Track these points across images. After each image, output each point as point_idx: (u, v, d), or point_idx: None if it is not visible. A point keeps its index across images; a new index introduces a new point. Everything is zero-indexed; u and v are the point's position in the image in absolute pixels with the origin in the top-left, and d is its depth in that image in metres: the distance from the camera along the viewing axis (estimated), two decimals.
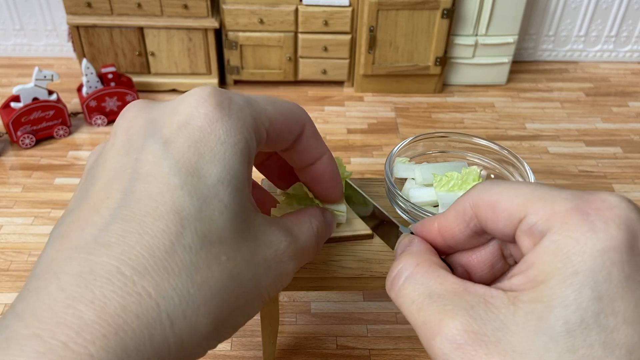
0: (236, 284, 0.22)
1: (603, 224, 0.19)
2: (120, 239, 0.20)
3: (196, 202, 0.21)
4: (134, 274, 0.19)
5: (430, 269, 0.23)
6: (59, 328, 0.18)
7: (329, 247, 0.38)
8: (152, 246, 0.20)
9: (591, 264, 0.19)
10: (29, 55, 0.99)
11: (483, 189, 0.23)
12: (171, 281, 0.20)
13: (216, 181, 0.22)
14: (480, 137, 0.44)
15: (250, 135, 0.24)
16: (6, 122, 0.74)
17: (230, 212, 0.22)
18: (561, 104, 0.89)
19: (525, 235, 0.21)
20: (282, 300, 0.55)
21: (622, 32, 0.98)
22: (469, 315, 0.20)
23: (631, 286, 0.18)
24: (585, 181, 0.72)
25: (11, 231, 0.63)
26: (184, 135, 0.22)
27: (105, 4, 0.81)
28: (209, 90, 0.24)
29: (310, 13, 0.83)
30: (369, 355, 0.50)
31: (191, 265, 0.20)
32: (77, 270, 0.19)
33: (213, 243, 0.21)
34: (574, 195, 0.20)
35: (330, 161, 0.31)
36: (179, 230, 0.21)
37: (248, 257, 0.23)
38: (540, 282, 0.19)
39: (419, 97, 0.90)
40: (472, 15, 0.86)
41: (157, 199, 0.21)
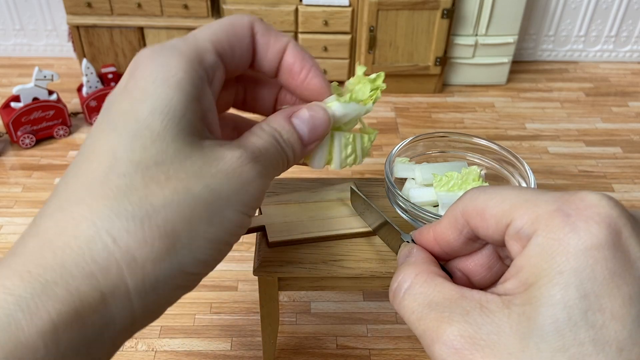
0: (184, 196, 0.23)
1: (584, 223, 0.19)
2: (65, 185, 0.23)
3: (127, 136, 0.23)
4: (71, 205, 0.22)
5: (429, 278, 0.23)
6: (8, 259, 0.21)
7: (329, 247, 0.38)
8: (88, 181, 0.22)
9: (574, 263, 0.19)
10: (29, 55, 0.99)
11: (472, 196, 0.24)
12: (107, 203, 0.21)
13: (147, 114, 0.23)
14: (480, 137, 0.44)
15: (189, 65, 0.25)
16: (6, 122, 0.74)
17: (163, 138, 0.23)
18: (561, 104, 0.89)
19: (513, 239, 0.22)
20: (282, 300, 0.55)
21: (622, 32, 0.98)
22: (465, 321, 0.20)
23: (617, 282, 0.19)
24: (585, 181, 0.72)
25: (11, 231, 0.63)
26: (123, 93, 0.25)
27: (105, 4, 0.81)
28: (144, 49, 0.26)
29: (310, 13, 0.83)
30: (369, 355, 0.50)
31: (126, 188, 0.22)
32: (35, 220, 0.22)
33: (148, 167, 0.23)
34: (556, 197, 0.21)
35: (295, 49, 0.30)
36: (112, 162, 0.22)
37: (195, 171, 0.24)
38: (530, 285, 0.20)
39: (419, 97, 0.90)
40: (472, 15, 0.86)
41: (94, 145, 0.24)
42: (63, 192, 0.23)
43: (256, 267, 0.37)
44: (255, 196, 0.26)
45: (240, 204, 0.25)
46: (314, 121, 0.30)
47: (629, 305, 0.18)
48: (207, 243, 0.24)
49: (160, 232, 0.22)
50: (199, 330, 0.52)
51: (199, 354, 0.50)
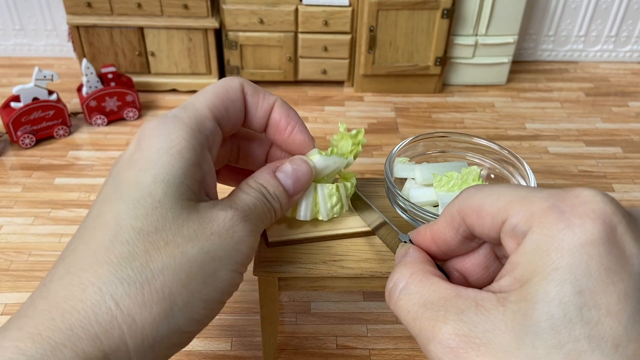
0: (180, 260, 0.25)
1: (578, 220, 0.19)
2: (73, 251, 0.25)
3: (131, 204, 0.25)
4: (79, 271, 0.23)
5: (424, 277, 0.24)
6: (21, 320, 0.22)
7: (329, 247, 0.39)
8: (95, 248, 0.24)
9: (569, 259, 0.19)
10: (29, 55, 0.99)
11: (468, 195, 0.24)
12: (111, 269, 0.23)
13: (149, 183, 0.25)
14: (480, 137, 0.44)
15: (190, 133, 0.27)
16: (6, 122, 0.74)
17: (163, 205, 0.25)
18: (561, 104, 0.89)
19: (509, 236, 0.22)
20: (282, 300, 0.55)
21: (622, 32, 0.98)
22: (459, 320, 0.20)
23: (612, 278, 0.19)
24: (585, 181, 0.72)
25: (11, 231, 0.63)
26: (129, 163, 0.27)
27: (105, 4, 0.81)
28: (150, 120, 0.28)
29: (310, 13, 0.83)
30: (369, 355, 0.50)
31: (129, 254, 0.24)
32: (44, 282, 0.24)
33: (149, 233, 0.24)
34: (551, 194, 0.21)
35: (282, 107, 0.33)
36: (117, 230, 0.24)
37: (191, 235, 0.25)
38: (525, 282, 0.20)
39: (419, 97, 0.90)
40: (472, 15, 0.86)
41: (102, 213, 0.25)
42: (71, 256, 0.24)
43: (256, 267, 0.37)
44: (246, 254, 0.28)
45: (232, 263, 0.27)
46: (297, 173, 0.33)
47: (625, 301, 0.18)
48: (202, 303, 0.25)
49: (158, 296, 0.24)
50: None
51: (199, 354, 0.50)
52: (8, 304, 0.54)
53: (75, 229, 0.63)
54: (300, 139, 0.34)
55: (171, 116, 0.28)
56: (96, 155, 0.75)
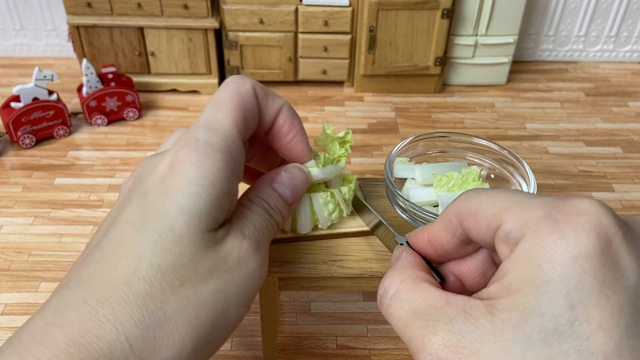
0: (193, 303, 0.25)
1: (573, 231, 0.19)
2: (91, 277, 0.24)
3: (152, 237, 0.25)
4: (97, 304, 0.23)
5: (414, 284, 0.23)
6: (34, 346, 0.22)
7: (329, 247, 0.39)
8: (114, 280, 0.24)
9: (562, 272, 0.19)
10: (29, 55, 0.99)
11: (465, 198, 0.24)
12: (128, 309, 0.23)
13: (174, 214, 0.25)
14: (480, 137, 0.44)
15: (221, 162, 0.27)
16: (6, 122, 0.74)
17: (183, 240, 0.25)
18: (561, 104, 0.89)
19: (502, 242, 0.22)
20: (282, 300, 0.55)
21: (622, 32, 0.98)
22: (448, 330, 0.20)
23: (605, 292, 0.18)
24: (585, 181, 0.72)
25: (11, 231, 0.63)
26: (160, 186, 0.26)
27: (105, 4, 0.81)
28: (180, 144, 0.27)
29: (310, 13, 0.83)
30: (369, 355, 0.50)
31: (145, 294, 0.24)
32: (56, 303, 0.24)
33: (167, 272, 0.25)
34: (547, 202, 0.20)
35: (289, 112, 0.33)
36: (136, 265, 0.24)
37: (205, 274, 0.26)
38: (514, 290, 0.20)
39: (419, 97, 0.90)
40: (472, 15, 0.86)
41: (123, 240, 0.25)
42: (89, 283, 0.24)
43: None
44: (256, 286, 0.28)
45: (243, 299, 0.27)
46: (294, 182, 0.33)
47: (618, 316, 0.18)
48: (209, 344, 0.26)
49: (168, 342, 0.24)
50: None
51: None
52: (8, 304, 0.54)
53: (75, 229, 0.63)
54: (299, 148, 0.34)
55: (203, 141, 0.27)
56: (96, 155, 0.75)
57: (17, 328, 0.51)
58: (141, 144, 0.78)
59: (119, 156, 0.75)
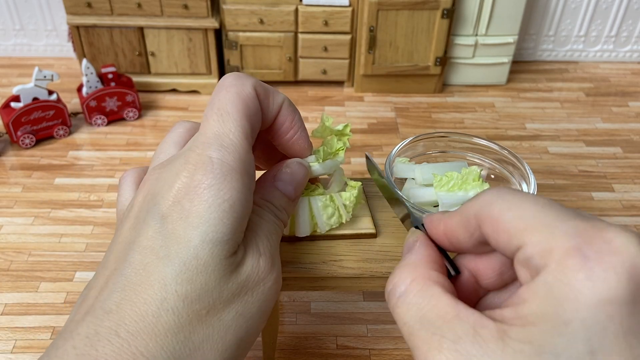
0: (218, 330, 0.25)
1: (602, 272, 0.17)
2: (119, 306, 0.24)
3: (177, 267, 0.25)
4: (129, 336, 0.23)
5: (424, 286, 0.22)
6: None
7: (329, 247, 0.39)
8: (142, 312, 0.24)
9: (585, 315, 0.17)
10: (29, 55, 0.99)
11: (489, 200, 0.22)
12: (159, 341, 0.23)
13: (197, 243, 0.25)
14: (480, 137, 0.44)
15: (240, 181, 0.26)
16: (6, 122, 0.74)
17: (207, 268, 0.25)
18: (561, 104, 0.89)
19: (522, 265, 0.20)
20: (282, 300, 0.55)
21: (622, 32, 0.98)
22: (455, 350, 0.19)
23: (630, 342, 0.17)
24: (585, 181, 0.72)
25: (11, 231, 0.63)
26: (177, 209, 0.26)
27: (105, 4, 0.81)
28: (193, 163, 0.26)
29: (310, 13, 0.83)
30: (369, 355, 0.50)
31: (175, 325, 0.24)
32: (86, 332, 0.23)
33: (193, 301, 0.25)
34: (577, 231, 0.19)
35: (289, 108, 0.32)
36: (163, 295, 0.24)
37: (229, 299, 0.26)
38: (530, 323, 0.19)
39: (419, 97, 0.90)
40: (472, 15, 0.86)
41: (149, 269, 0.25)
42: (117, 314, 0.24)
43: None
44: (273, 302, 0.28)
45: (262, 317, 0.28)
46: (295, 177, 0.33)
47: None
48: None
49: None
50: None
51: None
52: (8, 304, 0.54)
53: (75, 229, 0.63)
54: (301, 144, 0.33)
55: (218, 161, 0.26)
56: (96, 155, 0.75)
57: (16, 328, 0.52)
58: (141, 144, 0.78)
59: (119, 156, 0.75)
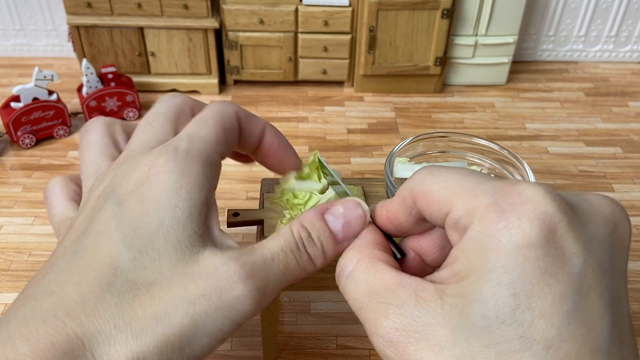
0: (161, 324, 0.23)
1: (517, 220, 0.19)
2: (61, 288, 0.23)
3: (131, 253, 0.24)
4: (66, 317, 0.22)
5: (370, 264, 0.24)
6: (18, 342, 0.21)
7: None
8: (85, 293, 0.23)
9: (505, 261, 0.19)
10: (29, 55, 0.99)
11: (419, 177, 0.24)
12: (96, 324, 0.22)
13: (154, 229, 0.25)
14: (480, 137, 0.44)
15: (199, 172, 0.26)
16: (6, 122, 0.74)
17: (162, 257, 0.24)
18: (561, 104, 0.89)
19: (452, 229, 0.22)
20: (282, 300, 0.55)
21: (622, 32, 0.98)
22: (400, 314, 0.21)
23: (548, 280, 0.19)
24: (585, 181, 0.72)
25: (11, 231, 0.63)
26: (135, 194, 0.25)
27: (105, 4, 0.81)
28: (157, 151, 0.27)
29: (310, 13, 0.83)
30: (369, 355, 0.50)
31: (116, 308, 0.23)
32: (23, 314, 0.23)
33: (140, 287, 0.24)
34: (495, 189, 0.21)
35: (273, 130, 0.33)
36: (111, 279, 0.23)
37: (179, 295, 0.24)
38: (462, 278, 0.20)
39: (419, 97, 0.90)
40: (472, 15, 0.86)
41: (99, 252, 0.24)
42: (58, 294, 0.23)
43: None
44: (236, 322, 0.25)
45: (219, 332, 0.25)
46: (348, 216, 0.28)
47: (560, 303, 0.18)
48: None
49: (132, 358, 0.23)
50: None
51: None
52: (8, 304, 0.54)
53: None
54: (292, 162, 0.35)
55: (182, 150, 0.26)
56: None
57: None
58: None
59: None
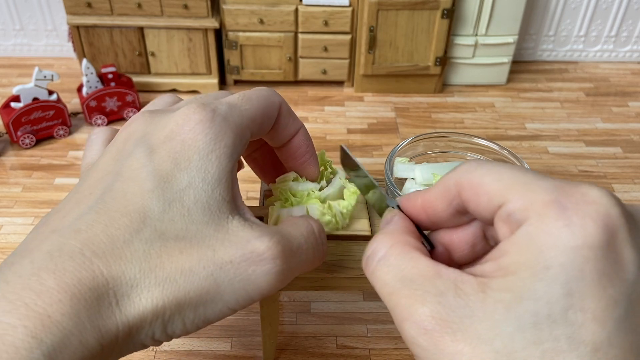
0: (184, 278, 0.24)
1: (580, 220, 0.19)
2: (90, 227, 0.24)
3: (161, 204, 0.24)
4: (93, 255, 0.23)
5: (404, 250, 0.23)
6: (24, 291, 0.21)
7: (329, 247, 0.38)
8: (114, 236, 0.23)
9: (563, 259, 0.18)
10: (29, 55, 0.99)
11: (469, 168, 0.23)
12: (122, 265, 0.23)
13: (184, 186, 0.25)
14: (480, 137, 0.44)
15: (231, 141, 0.27)
16: (6, 122, 0.74)
17: (191, 215, 0.25)
18: (561, 104, 0.89)
19: (503, 222, 0.21)
20: (282, 300, 0.55)
21: (622, 32, 0.98)
22: (437, 302, 0.20)
23: (604, 284, 0.18)
24: (585, 181, 0.72)
25: (11, 231, 0.63)
26: (167, 147, 0.26)
27: (105, 4, 0.81)
28: (194, 107, 0.27)
29: (310, 13, 0.83)
30: (369, 355, 0.50)
31: (143, 254, 0.23)
32: (48, 248, 0.23)
33: (169, 239, 0.24)
34: (555, 187, 0.20)
35: (306, 135, 0.34)
36: (140, 226, 0.24)
37: (207, 255, 0.24)
38: (510, 272, 0.20)
39: (419, 97, 0.90)
40: (472, 15, 0.86)
41: (129, 198, 0.24)
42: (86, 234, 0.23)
43: None
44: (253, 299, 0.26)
45: (234, 302, 0.26)
46: None
47: (613, 307, 0.18)
48: (181, 324, 0.25)
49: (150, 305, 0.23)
50: (199, 331, 0.52)
51: (199, 354, 0.50)
52: None
53: None
54: (311, 170, 0.36)
55: (220, 115, 0.27)
56: None
57: None
58: None
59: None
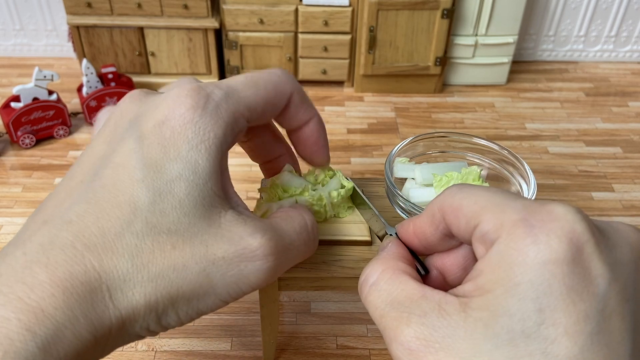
0: (177, 274, 0.24)
1: (545, 236, 0.19)
2: (81, 218, 0.23)
3: (151, 195, 0.24)
4: (85, 249, 0.23)
5: (394, 275, 0.24)
6: (17, 285, 0.21)
7: (329, 248, 0.39)
8: (105, 228, 0.23)
9: (532, 275, 0.19)
10: (29, 55, 0.99)
11: (450, 193, 0.24)
12: (114, 259, 0.23)
13: (174, 177, 0.24)
14: (480, 137, 0.44)
15: (221, 131, 0.26)
16: (6, 122, 0.74)
17: (183, 208, 0.24)
18: (561, 104, 0.89)
19: (479, 242, 0.22)
20: (282, 300, 0.55)
21: (622, 32, 0.98)
22: (421, 323, 0.21)
23: (573, 298, 0.19)
24: (585, 181, 0.72)
25: (11, 231, 0.63)
26: (157, 133, 0.25)
27: (105, 4, 0.81)
28: (188, 89, 0.26)
29: (310, 13, 0.83)
30: (369, 355, 0.50)
31: (135, 249, 0.23)
32: (40, 240, 0.23)
33: (160, 233, 0.24)
34: (525, 206, 0.21)
35: (318, 125, 0.33)
36: (131, 218, 0.23)
37: (200, 251, 0.24)
38: (487, 291, 0.20)
39: (419, 97, 0.90)
40: (472, 15, 0.86)
41: (119, 187, 0.24)
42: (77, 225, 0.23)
43: None
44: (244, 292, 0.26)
45: (226, 295, 0.26)
46: None
47: (584, 322, 0.19)
48: (176, 317, 0.25)
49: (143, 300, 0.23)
50: (199, 330, 0.52)
51: (199, 354, 0.50)
52: None
53: None
54: (321, 158, 0.35)
55: (214, 102, 0.26)
56: None
57: None
58: None
59: None
